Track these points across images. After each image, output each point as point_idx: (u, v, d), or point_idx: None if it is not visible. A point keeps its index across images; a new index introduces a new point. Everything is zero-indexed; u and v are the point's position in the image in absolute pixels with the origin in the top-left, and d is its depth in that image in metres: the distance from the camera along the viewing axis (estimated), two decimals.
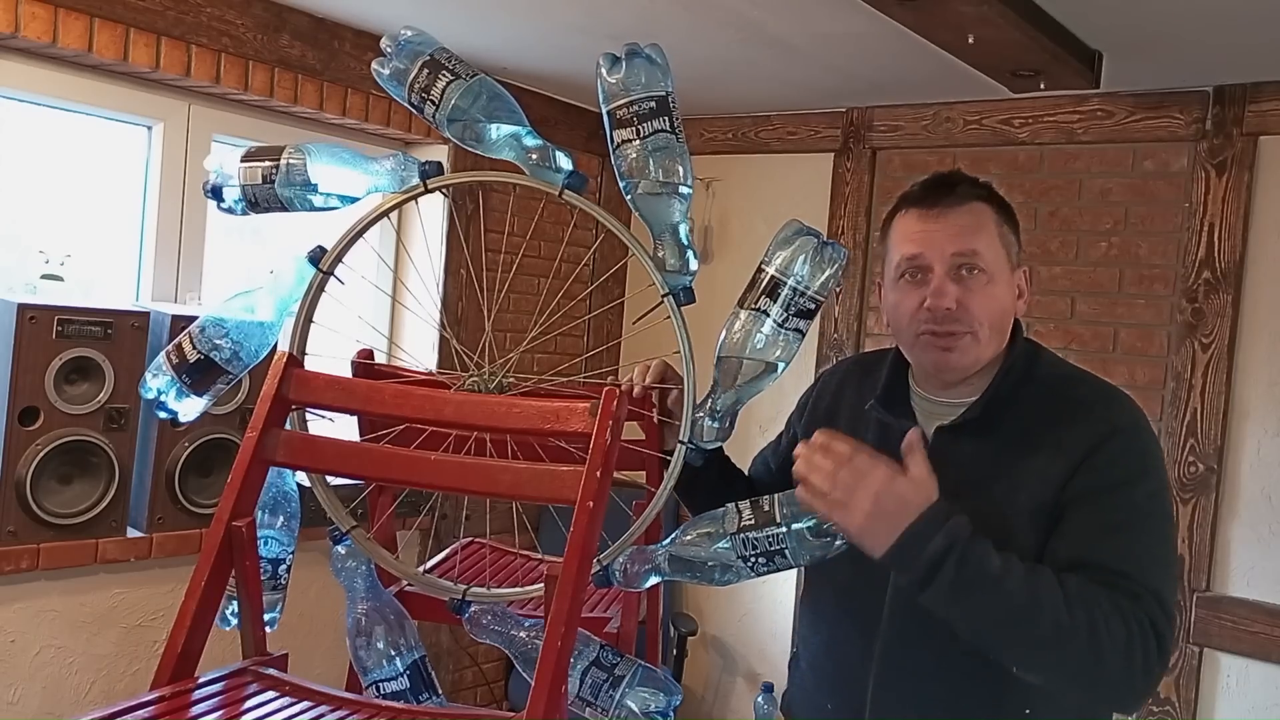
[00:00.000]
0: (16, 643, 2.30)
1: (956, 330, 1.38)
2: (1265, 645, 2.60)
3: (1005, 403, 1.39)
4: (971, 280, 1.37)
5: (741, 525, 1.21)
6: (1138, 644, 1.21)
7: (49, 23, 2.22)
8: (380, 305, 2.99)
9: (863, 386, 1.54)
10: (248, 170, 1.28)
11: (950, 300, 1.37)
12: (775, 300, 1.21)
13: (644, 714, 1.24)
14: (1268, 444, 2.65)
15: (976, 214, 1.40)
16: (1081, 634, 1.19)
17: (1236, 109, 2.67)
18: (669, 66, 1.20)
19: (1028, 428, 1.38)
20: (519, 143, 1.23)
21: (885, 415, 1.47)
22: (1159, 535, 1.32)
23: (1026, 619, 1.20)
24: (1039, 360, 1.45)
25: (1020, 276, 1.44)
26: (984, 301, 1.38)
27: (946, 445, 1.41)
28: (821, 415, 1.58)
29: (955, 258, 1.37)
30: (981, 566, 1.19)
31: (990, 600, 1.20)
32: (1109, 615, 1.20)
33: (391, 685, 1.28)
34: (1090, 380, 1.46)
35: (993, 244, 1.39)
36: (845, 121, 3.30)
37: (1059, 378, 1.45)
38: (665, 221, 1.22)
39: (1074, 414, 1.37)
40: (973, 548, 1.20)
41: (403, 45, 1.23)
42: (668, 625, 3.27)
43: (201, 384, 1.31)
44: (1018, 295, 1.43)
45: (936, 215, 1.40)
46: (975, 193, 1.42)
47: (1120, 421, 1.36)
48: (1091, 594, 1.22)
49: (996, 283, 1.38)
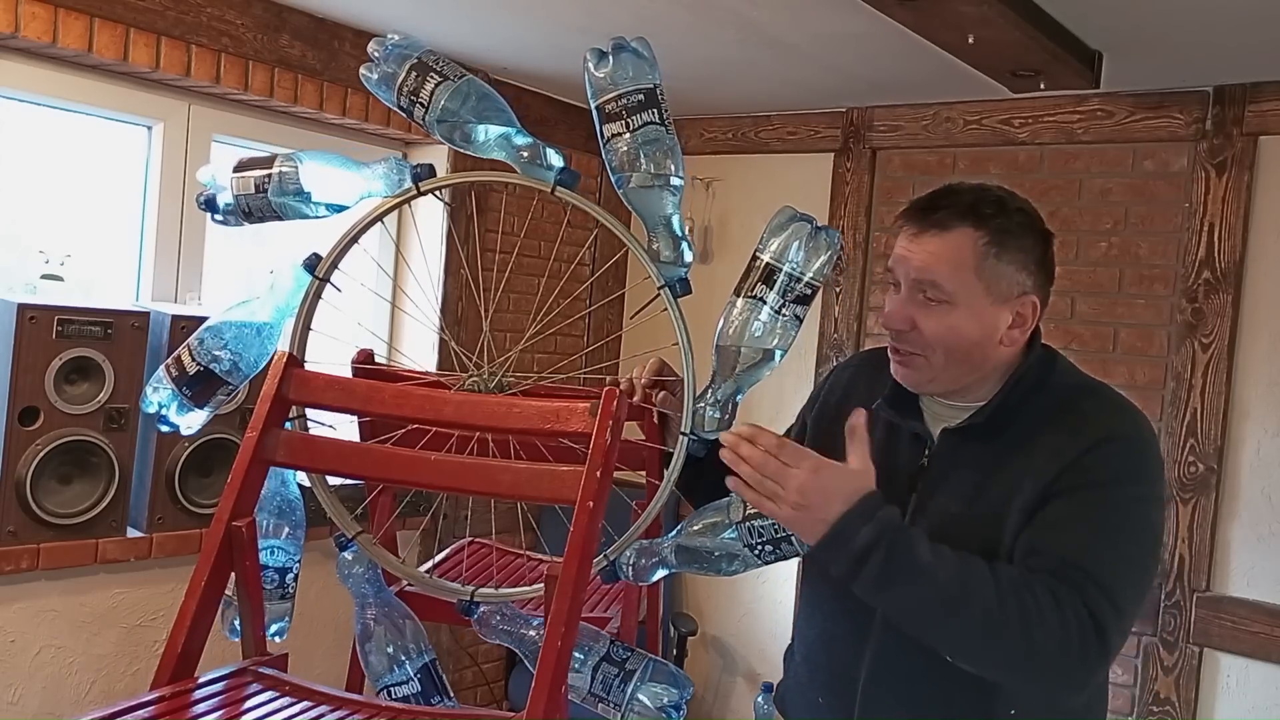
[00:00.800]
0: (16, 643, 2.30)
1: (908, 349, 1.39)
2: (1265, 645, 2.60)
3: (1013, 410, 1.39)
4: (930, 307, 1.37)
5: (747, 514, 1.21)
6: (1074, 632, 1.21)
7: (49, 23, 2.22)
8: (379, 308, 2.99)
9: (874, 384, 1.54)
10: (240, 180, 1.28)
11: (900, 321, 1.38)
12: (771, 287, 1.21)
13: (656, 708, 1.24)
14: (1268, 444, 2.65)
15: (952, 243, 1.35)
16: (1013, 623, 1.20)
17: (1236, 109, 2.67)
18: (656, 59, 1.20)
19: (1030, 433, 1.37)
20: (509, 142, 1.23)
21: (893, 416, 1.47)
22: (1131, 536, 1.30)
23: (955, 609, 1.21)
24: (1054, 369, 1.44)
25: (1023, 305, 1.38)
26: (937, 328, 1.36)
27: (950, 447, 1.41)
28: (832, 409, 1.58)
29: (914, 283, 1.38)
30: (910, 557, 1.21)
31: (918, 591, 1.21)
32: (1042, 605, 1.21)
33: (403, 689, 1.28)
34: (1103, 392, 1.44)
35: (960, 274, 1.35)
36: (845, 121, 3.30)
37: (1071, 387, 1.43)
38: (658, 214, 1.22)
39: (1076, 422, 1.36)
40: (900, 538, 1.21)
41: (390, 49, 1.23)
42: (668, 625, 3.27)
43: (202, 396, 1.31)
44: (1012, 325, 1.38)
45: (914, 235, 1.39)
46: (961, 222, 1.36)
47: (1120, 430, 1.36)
48: (1025, 583, 1.22)
49: (958, 312, 1.35)
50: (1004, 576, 1.23)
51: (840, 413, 1.54)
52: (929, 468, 1.42)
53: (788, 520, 1.21)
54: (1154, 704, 2.72)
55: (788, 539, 1.21)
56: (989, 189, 1.41)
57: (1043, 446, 1.35)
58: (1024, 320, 1.39)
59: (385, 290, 2.91)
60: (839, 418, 1.51)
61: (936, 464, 1.42)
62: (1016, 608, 1.20)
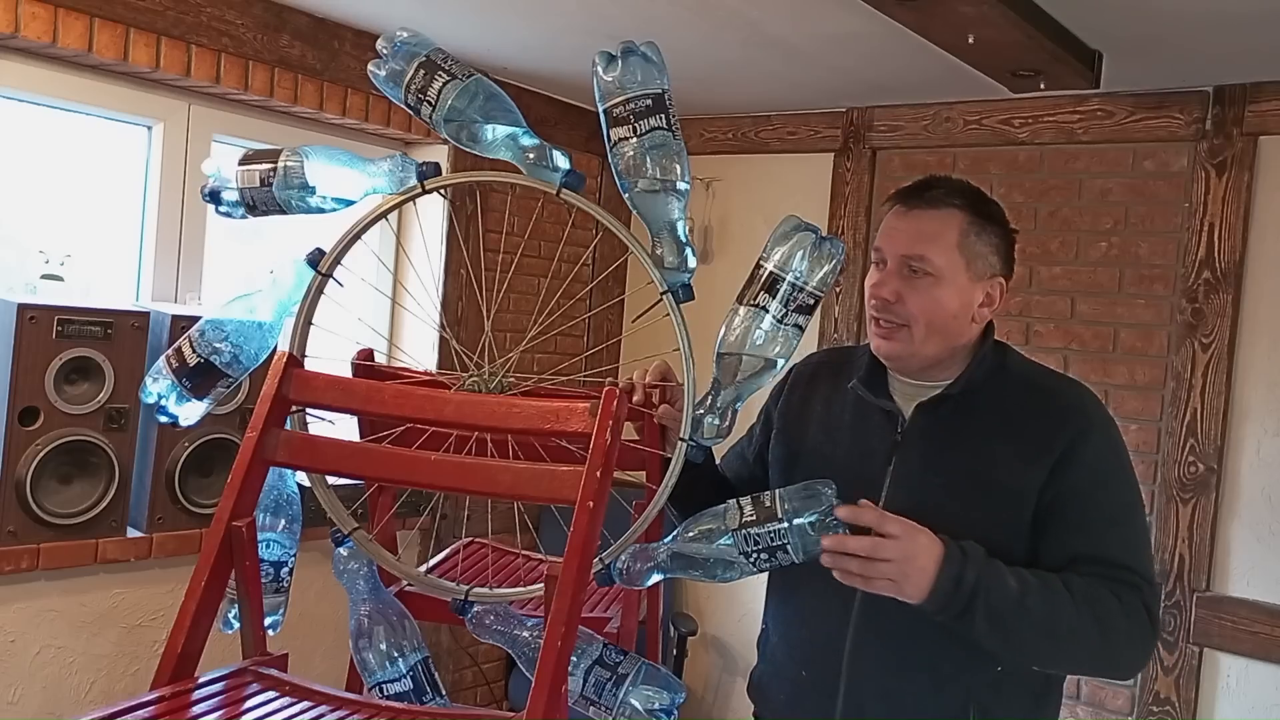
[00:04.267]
0: (16, 643, 2.30)
1: (893, 320, 1.47)
2: (1265, 645, 2.60)
3: (981, 386, 1.49)
4: (917, 280, 1.45)
5: (743, 521, 1.21)
6: (1137, 629, 1.37)
7: (49, 23, 2.22)
8: (380, 306, 2.99)
9: (838, 374, 1.61)
10: (245, 174, 1.28)
11: (888, 292, 1.46)
12: (774, 296, 1.21)
13: (648, 712, 1.24)
14: (1268, 444, 2.65)
15: (942, 220, 1.47)
16: (1092, 632, 1.34)
17: (1236, 109, 2.67)
18: (665, 64, 1.20)
19: (1005, 411, 1.47)
20: (515, 142, 1.23)
21: (866, 394, 1.54)
22: (1142, 522, 1.48)
23: (1047, 628, 1.33)
24: (1008, 355, 1.55)
25: (992, 286, 1.49)
26: (922, 301, 1.45)
27: (926, 420, 1.50)
28: (797, 402, 1.64)
29: (904, 257, 1.46)
30: (1005, 588, 1.31)
31: (1019, 622, 1.32)
32: (1110, 610, 1.35)
33: (395, 687, 1.28)
34: (1055, 373, 1.59)
35: (948, 251, 1.45)
36: (845, 121, 3.30)
37: (1028, 368, 1.56)
38: (663, 219, 1.22)
39: (1047, 402, 1.48)
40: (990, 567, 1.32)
41: (399, 47, 1.23)
42: (668, 625, 3.27)
43: (202, 388, 1.31)
44: (981, 303, 1.49)
45: (904, 214, 1.50)
46: (951, 200, 1.48)
47: (1094, 417, 1.47)
48: (1095, 593, 1.35)
49: (943, 287, 1.45)
50: (1076, 590, 1.35)
51: (804, 409, 1.63)
52: (903, 442, 1.49)
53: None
54: (1154, 704, 2.72)
55: (783, 547, 1.21)
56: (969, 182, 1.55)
57: (1020, 429, 1.45)
58: (992, 300, 1.50)
59: (386, 287, 2.92)
60: (805, 408, 1.62)
61: (911, 438, 1.50)
62: (1091, 617, 1.34)
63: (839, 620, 1.47)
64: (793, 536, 1.20)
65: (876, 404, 1.52)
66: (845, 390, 1.57)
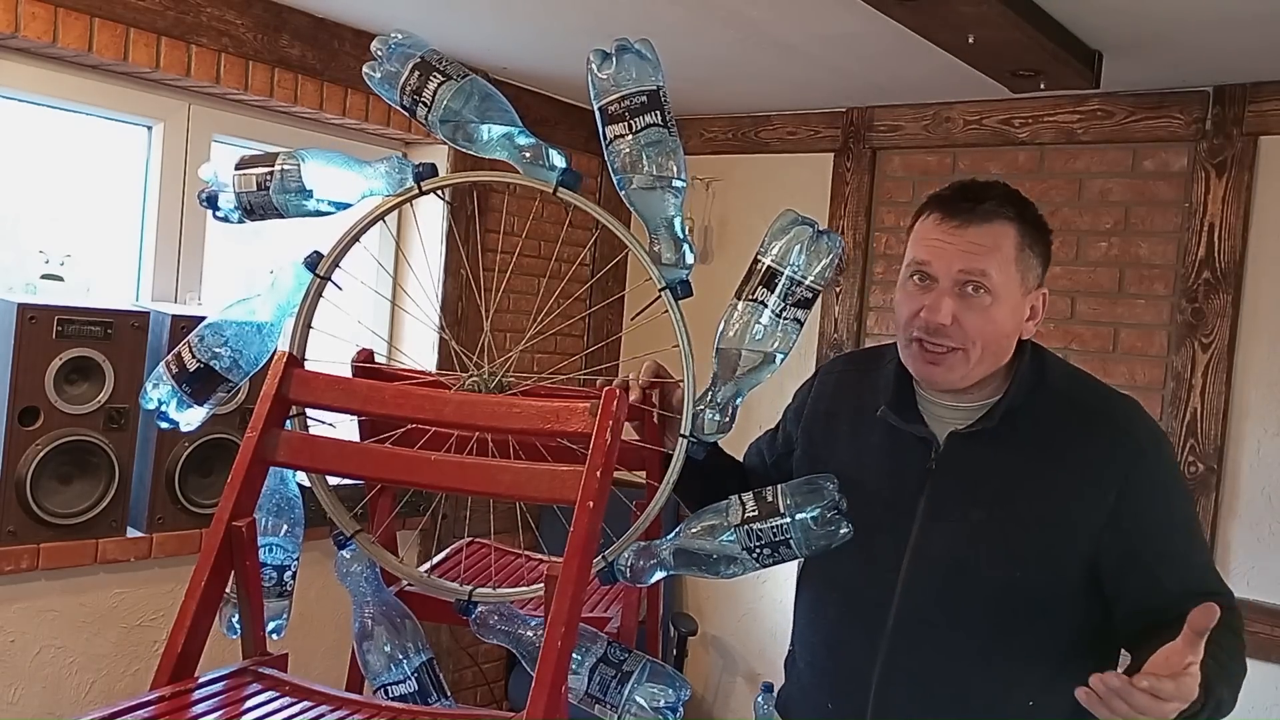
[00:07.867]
0: (16, 643, 2.30)
1: (946, 345, 1.37)
2: (1265, 645, 2.60)
3: (1021, 411, 1.40)
4: (974, 299, 1.36)
5: (746, 517, 1.21)
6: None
7: (49, 23, 2.21)
8: (379, 307, 2.99)
9: (862, 388, 1.54)
10: (242, 178, 1.28)
11: (944, 316, 1.36)
12: (772, 290, 1.21)
13: (653, 709, 1.24)
14: (1268, 444, 2.65)
15: (996, 235, 1.36)
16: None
17: (1236, 109, 2.67)
18: (659, 61, 1.20)
19: (1048, 437, 1.39)
20: (512, 142, 1.23)
21: (896, 420, 1.46)
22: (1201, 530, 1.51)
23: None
24: (1045, 364, 1.46)
25: (1037, 299, 1.42)
26: (981, 322, 1.36)
27: (962, 451, 1.41)
28: (821, 417, 1.58)
29: (961, 274, 1.36)
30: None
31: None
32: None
33: (400, 689, 1.27)
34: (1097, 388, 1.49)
35: (1006, 268, 1.36)
36: (845, 121, 3.30)
37: (1068, 383, 1.46)
38: (660, 216, 1.21)
39: (1091, 425, 1.40)
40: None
41: (393, 48, 1.23)
42: (668, 625, 3.27)
43: (202, 393, 1.30)
44: (1028, 317, 1.41)
45: (956, 227, 1.37)
46: (1003, 212, 1.37)
47: (1143, 438, 1.40)
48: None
49: (1000, 305, 1.36)
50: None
51: (830, 420, 1.55)
52: (937, 470, 1.42)
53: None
54: None
55: (786, 543, 1.21)
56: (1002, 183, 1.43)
57: (1068, 456, 1.37)
58: (1036, 313, 1.42)
59: (385, 289, 2.91)
60: (830, 425, 1.54)
61: (945, 467, 1.42)
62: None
63: (867, 654, 1.42)
64: (795, 531, 1.20)
65: (908, 430, 1.44)
66: (872, 409, 1.48)
